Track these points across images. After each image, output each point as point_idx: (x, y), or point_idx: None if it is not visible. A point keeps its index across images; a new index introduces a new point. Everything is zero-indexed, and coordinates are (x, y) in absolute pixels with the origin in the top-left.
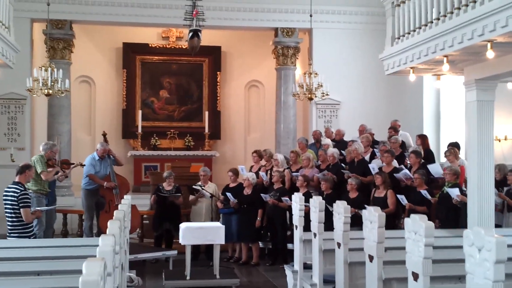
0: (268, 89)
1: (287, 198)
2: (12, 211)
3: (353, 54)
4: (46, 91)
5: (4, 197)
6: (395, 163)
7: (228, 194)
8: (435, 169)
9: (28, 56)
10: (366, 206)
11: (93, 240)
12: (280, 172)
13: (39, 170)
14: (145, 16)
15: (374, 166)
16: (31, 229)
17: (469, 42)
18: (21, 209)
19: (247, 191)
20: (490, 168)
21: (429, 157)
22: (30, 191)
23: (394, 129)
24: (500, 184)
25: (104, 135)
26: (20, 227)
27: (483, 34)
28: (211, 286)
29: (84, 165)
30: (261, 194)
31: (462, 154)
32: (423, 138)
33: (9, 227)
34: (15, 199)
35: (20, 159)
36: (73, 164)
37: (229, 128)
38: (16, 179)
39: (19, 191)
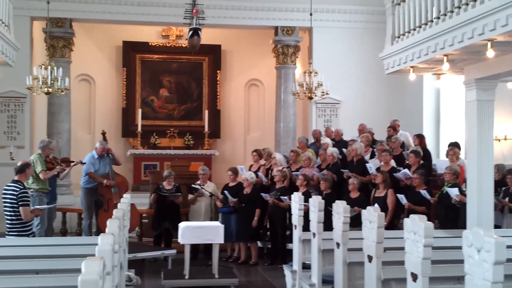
0: (268, 88)
1: (286, 198)
2: (11, 209)
3: (353, 53)
4: (46, 89)
5: (3, 196)
6: (393, 162)
7: (226, 193)
8: (442, 165)
9: (28, 55)
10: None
11: (92, 239)
12: (281, 172)
13: (38, 170)
14: (145, 15)
15: (371, 165)
16: (30, 227)
17: (470, 41)
18: (20, 208)
19: (247, 190)
20: (490, 168)
21: (427, 156)
22: (32, 190)
23: (393, 128)
24: (498, 184)
25: (104, 133)
26: (19, 226)
27: (483, 33)
28: (210, 285)
29: (84, 163)
30: (262, 194)
31: (462, 154)
32: (420, 138)
33: (8, 226)
34: (14, 197)
35: (20, 157)
36: (73, 162)
37: (229, 127)
38: (16, 178)
39: (18, 189)
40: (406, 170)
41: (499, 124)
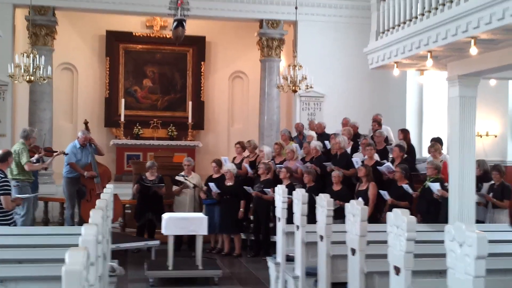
0: (252, 80)
1: (270, 190)
2: None
3: (337, 47)
4: (28, 77)
5: None
6: (376, 156)
7: (211, 185)
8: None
9: (10, 42)
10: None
11: (75, 229)
12: (266, 164)
13: (24, 161)
14: (129, 4)
15: (357, 159)
16: (11, 216)
17: (453, 38)
18: (1, 197)
19: (230, 182)
20: (471, 164)
21: (411, 151)
22: (18, 180)
23: (378, 122)
24: (479, 179)
25: (86, 123)
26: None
27: (467, 30)
28: (193, 276)
29: (67, 153)
30: (245, 187)
31: (444, 149)
32: (405, 133)
33: None
34: None
35: (1, 145)
36: (56, 152)
37: (213, 118)
38: None
39: None
40: (389, 164)
41: (481, 120)
